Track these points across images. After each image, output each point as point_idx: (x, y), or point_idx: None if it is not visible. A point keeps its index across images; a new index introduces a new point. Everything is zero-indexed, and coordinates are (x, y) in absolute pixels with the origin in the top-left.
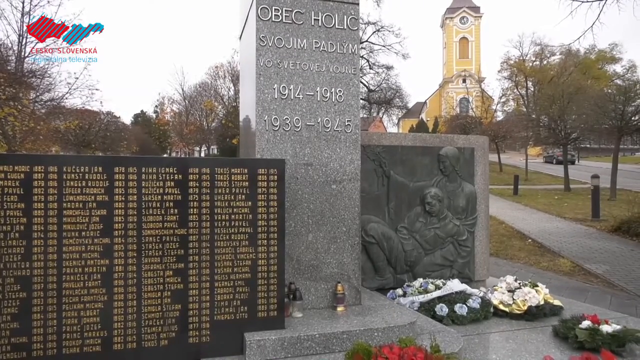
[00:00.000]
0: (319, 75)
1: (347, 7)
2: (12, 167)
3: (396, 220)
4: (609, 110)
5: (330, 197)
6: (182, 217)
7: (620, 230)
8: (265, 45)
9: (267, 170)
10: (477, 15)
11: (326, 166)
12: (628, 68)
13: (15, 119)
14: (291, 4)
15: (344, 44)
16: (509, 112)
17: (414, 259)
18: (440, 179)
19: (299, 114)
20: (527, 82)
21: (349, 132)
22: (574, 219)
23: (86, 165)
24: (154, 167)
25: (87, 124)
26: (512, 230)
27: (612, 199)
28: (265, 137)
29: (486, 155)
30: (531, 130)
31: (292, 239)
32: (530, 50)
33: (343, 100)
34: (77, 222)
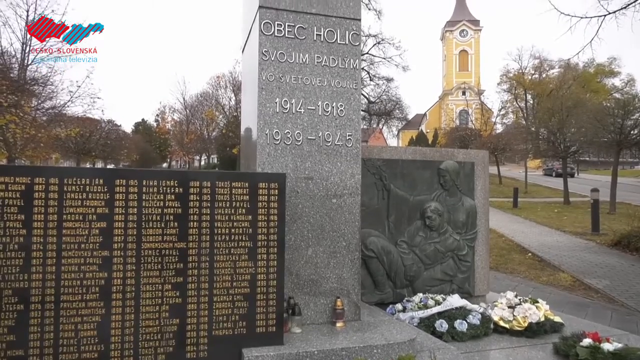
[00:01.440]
0: (320, 90)
1: (349, 22)
2: (13, 179)
3: (396, 234)
4: (608, 123)
5: (330, 211)
6: (181, 231)
7: (620, 244)
8: (267, 59)
9: (268, 184)
10: (476, 29)
11: (327, 180)
12: (627, 82)
13: (17, 127)
14: (294, 19)
15: (345, 59)
16: (509, 125)
17: (413, 273)
18: (441, 193)
19: (300, 128)
20: (526, 95)
21: (349, 146)
22: (573, 232)
23: (87, 177)
24: (154, 179)
25: (88, 132)
26: (512, 244)
27: (611, 212)
28: (267, 150)
29: (486, 170)
30: (530, 143)
31: (291, 253)
32: (529, 64)
33: (344, 114)
34: (76, 235)
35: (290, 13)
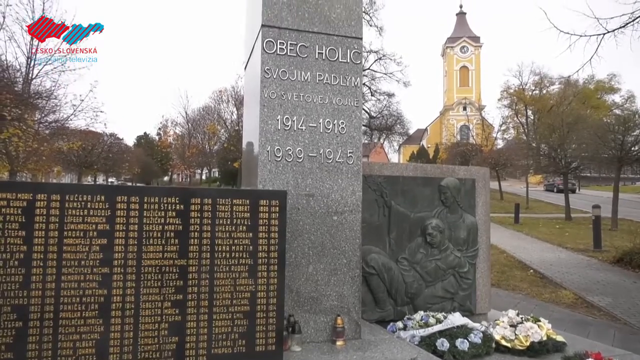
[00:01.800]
0: (322, 107)
1: (351, 41)
2: (15, 195)
3: (397, 251)
4: (609, 140)
5: (331, 228)
6: (182, 248)
7: (622, 261)
8: (269, 77)
9: (269, 202)
10: (477, 45)
11: (328, 197)
12: (627, 98)
13: (19, 140)
14: (296, 38)
15: (346, 77)
16: (510, 140)
17: (414, 290)
18: (441, 210)
19: (302, 145)
20: (526, 110)
21: (350, 164)
22: (575, 249)
23: (89, 193)
24: (155, 196)
25: (90, 145)
26: (514, 260)
27: (613, 229)
28: (268, 167)
29: (487, 187)
30: (532, 159)
31: (292, 271)
32: (529, 80)
33: (345, 132)
34: (77, 251)
35: (293, 32)
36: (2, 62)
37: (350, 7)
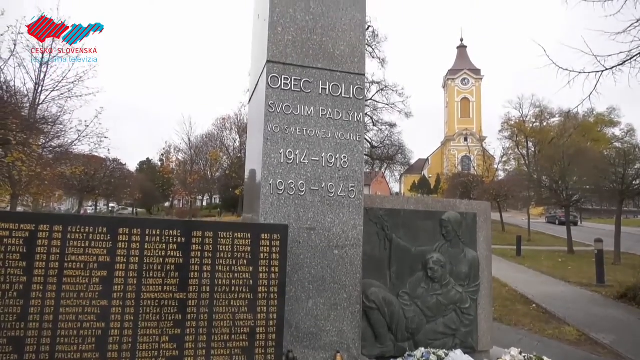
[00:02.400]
0: (324, 142)
1: (354, 77)
2: (17, 225)
3: (398, 285)
4: (610, 173)
5: (332, 262)
6: (182, 281)
7: (626, 297)
8: (273, 111)
9: (270, 236)
10: (477, 77)
11: (329, 231)
12: (627, 131)
13: (23, 164)
14: (300, 74)
15: (349, 112)
16: (511, 172)
17: (415, 326)
18: (443, 244)
19: (304, 179)
20: (527, 142)
21: (352, 198)
22: (578, 283)
23: (91, 225)
24: (157, 229)
25: (93, 170)
26: (516, 294)
27: (616, 263)
28: (270, 200)
29: (488, 221)
30: (533, 191)
31: (292, 305)
32: (530, 112)
33: (347, 166)
34: (76, 283)
35: (297, 67)
36: (10, 88)
37: (353, 45)
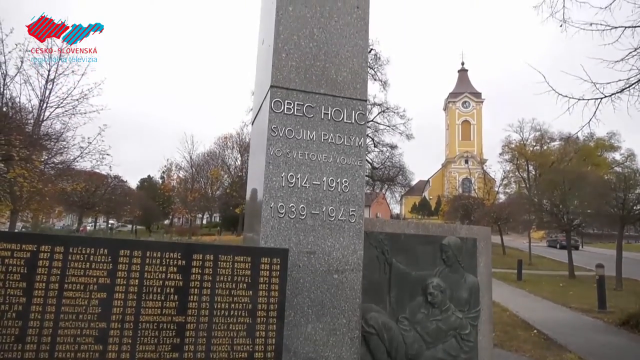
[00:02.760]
0: (326, 166)
1: (356, 103)
2: (19, 246)
3: (397, 310)
4: (610, 198)
5: (331, 287)
6: (181, 304)
7: (628, 324)
8: (276, 135)
9: (271, 260)
10: (478, 101)
11: (329, 255)
12: (627, 156)
13: (25, 180)
14: (303, 99)
15: (351, 137)
16: (511, 195)
17: (415, 352)
18: (443, 269)
19: (305, 202)
20: (528, 165)
21: (352, 222)
22: (579, 309)
23: (92, 246)
24: (158, 251)
25: (94, 187)
26: (517, 319)
27: (618, 289)
28: (271, 223)
29: (489, 246)
30: (534, 214)
31: (290, 330)
32: (530, 136)
33: (348, 190)
34: (75, 305)
35: (300, 93)
36: (15, 104)
37: (355, 71)
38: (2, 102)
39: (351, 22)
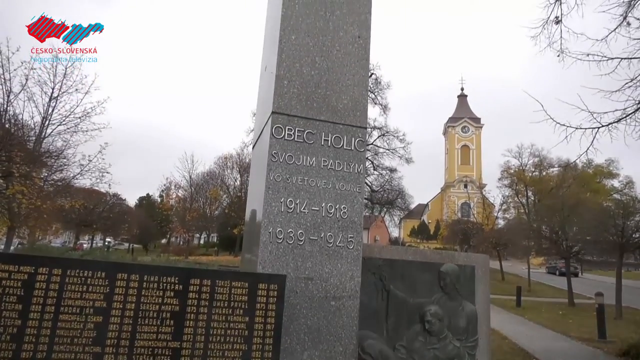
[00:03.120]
0: (325, 192)
1: (355, 130)
2: (17, 267)
3: (394, 337)
4: (609, 225)
5: (328, 313)
6: (177, 330)
7: (628, 354)
8: (276, 160)
9: (268, 286)
10: (477, 126)
11: (326, 281)
12: (626, 184)
13: (24, 197)
14: (304, 125)
15: (350, 164)
16: (510, 220)
17: None
18: (441, 297)
19: (303, 228)
20: (527, 191)
21: (351, 249)
22: (579, 338)
23: (90, 269)
24: (156, 275)
25: (92, 204)
26: (516, 348)
27: (617, 318)
28: (269, 248)
29: (487, 274)
30: (533, 240)
31: (286, 357)
32: (529, 161)
33: (347, 216)
34: (71, 328)
35: (301, 119)
36: (18, 121)
37: (356, 99)
38: (5, 119)
39: (352, 51)
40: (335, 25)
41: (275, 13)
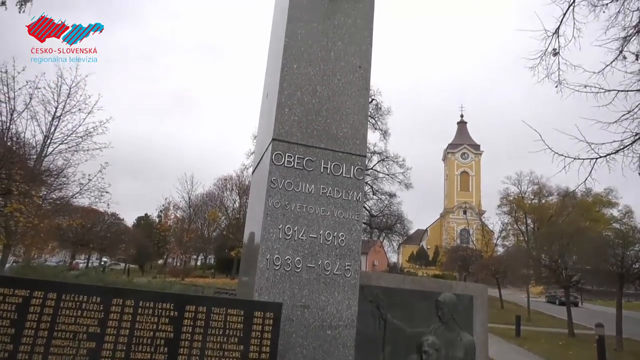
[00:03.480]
0: (323, 219)
1: (355, 158)
2: (12, 290)
3: None
4: (609, 255)
5: (324, 343)
6: (170, 357)
7: None
8: (275, 187)
9: (264, 314)
10: (477, 153)
11: (323, 310)
12: (625, 213)
13: (21, 215)
14: (303, 152)
15: (349, 192)
16: (510, 247)
17: None
18: (439, 327)
19: (301, 255)
20: (526, 218)
21: (348, 277)
22: None
23: (85, 294)
24: (151, 301)
25: (90, 223)
26: None
27: (618, 349)
28: (266, 275)
29: (485, 304)
30: (532, 269)
31: None
32: (528, 189)
33: (345, 244)
34: (63, 354)
35: (301, 146)
36: (20, 140)
37: (356, 127)
38: (7, 137)
39: (353, 80)
40: (336, 55)
41: (277, 41)
